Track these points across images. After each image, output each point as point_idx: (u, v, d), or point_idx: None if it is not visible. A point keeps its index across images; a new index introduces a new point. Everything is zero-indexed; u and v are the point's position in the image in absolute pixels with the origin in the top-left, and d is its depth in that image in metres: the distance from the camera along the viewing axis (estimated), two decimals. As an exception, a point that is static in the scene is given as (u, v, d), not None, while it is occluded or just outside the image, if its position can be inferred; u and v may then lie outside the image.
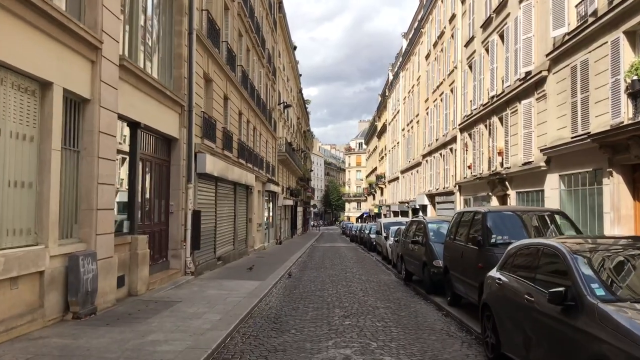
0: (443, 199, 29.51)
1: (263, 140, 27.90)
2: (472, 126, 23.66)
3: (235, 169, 18.32)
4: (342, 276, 15.56)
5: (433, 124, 32.68)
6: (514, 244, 6.21)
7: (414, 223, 14.30)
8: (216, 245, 16.37)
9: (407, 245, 14.14)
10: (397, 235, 17.93)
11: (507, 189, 18.86)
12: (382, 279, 14.94)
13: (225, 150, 17.32)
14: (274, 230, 33.49)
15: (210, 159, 14.48)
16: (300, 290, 12.46)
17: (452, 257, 9.71)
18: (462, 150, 25.55)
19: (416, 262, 12.70)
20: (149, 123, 11.06)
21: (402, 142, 46.52)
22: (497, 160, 20.08)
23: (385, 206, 56.19)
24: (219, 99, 16.98)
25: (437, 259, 11.31)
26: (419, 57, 38.38)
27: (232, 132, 18.74)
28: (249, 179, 21.28)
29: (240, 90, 20.54)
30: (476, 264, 7.86)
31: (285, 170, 40.20)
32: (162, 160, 12.57)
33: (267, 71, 29.52)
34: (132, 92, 10.16)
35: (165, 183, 12.81)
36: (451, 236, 10.19)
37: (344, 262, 20.95)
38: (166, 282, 11.76)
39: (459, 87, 26.43)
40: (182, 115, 13.12)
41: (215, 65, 16.24)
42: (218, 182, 16.62)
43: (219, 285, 12.07)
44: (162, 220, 12.63)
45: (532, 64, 16.68)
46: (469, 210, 9.65)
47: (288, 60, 43.60)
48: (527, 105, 16.96)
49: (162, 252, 12.51)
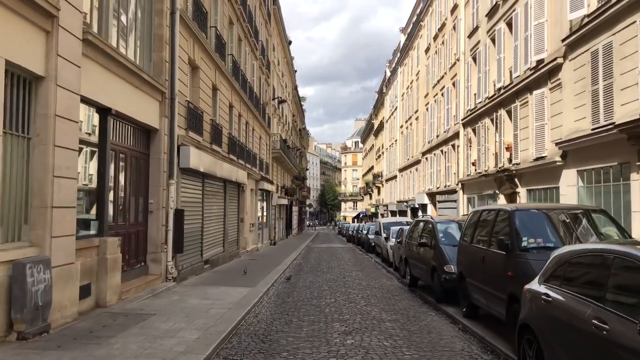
0: (444, 198, 28.26)
1: (256, 136, 26.57)
2: (476, 121, 22.42)
3: (224, 165, 16.99)
4: (340, 281, 14.27)
5: (433, 120, 31.44)
6: (562, 249, 4.94)
7: (420, 223, 13.03)
8: (203, 247, 15.03)
9: (412, 247, 12.86)
10: (399, 237, 16.65)
11: (517, 186, 17.63)
12: (384, 284, 13.65)
13: (213, 144, 15.99)
14: (268, 230, 32.15)
15: (195, 152, 13.15)
16: (295, 298, 11.16)
17: (469, 263, 8.44)
18: (465, 147, 24.31)
19: (423, 267, 11.43)
20: (122, 110, 9.73)
21: (400, 139, 45.27)
22: (504, 156, 18.84)
23: (383, 206, 54.91)
24: (206, 88, 15.64)
25: (448, 263, 10.04)
26: (418, 52, 37.14)
27: (221, 125, 17.41)
28: (241, 176, 19.95)
29: (231, 82, 19.21)
30: (504, 272, 6.58)
31: (280, 169, 38.86)
32: (140, 153, 11.23)
33: (261, 64, 28.18)
34: (101, 73, 8.84)
35: (144, 179, 11.48)
36: (466, 238, 8.92)
37: (341, 265, 19.66)
38: (143, 289, 10.43)
39: (461, 80, 25.19)
40: (162, 103, 11.79)
41: (202, 51, 14.91)
42: (205, 179, 15.29)
43: (202, 294, 10.75)
44: (140, 220, 11.30)
45: (545, 51, 15.45)
46: (489, 209, 8.37)
47: (283, 55, 42.25)
48: (540, 96, 15.73)
49: (139, 256, 11.18)
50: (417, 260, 12.04)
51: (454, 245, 10.55)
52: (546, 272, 4.92)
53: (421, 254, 11.69)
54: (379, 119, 61.40)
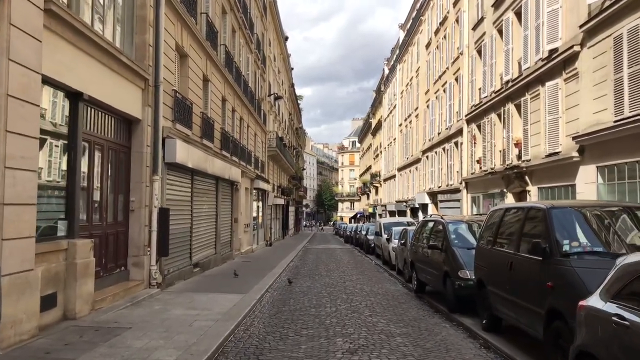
0: (447, 197, 27.22)
1: (251, 133, 25.47)
2: (481, 116, 21.39)
3: (216, 162, 15.89)
4: (340, 286, 13.20)
5: (435, 117, 30.41)
6: (634, 257, 3.88)
7: (428, 224, 11.96)
8: (192, 249, 13.93)
9: (419, 250, 11.81)
10: (402, 238, 15.60)
11: (527, 184, 16.59)
12: (389, 290, 12.59)
13: (204, 139, 14.90)
14: (263, 231, 31.04)
15: (182, 146, 12.05)
16: (291, 306, 10.08)
17: (491, 269, 7.38)
18: (469, 144, 23.27)
19: (433, 272, 10.36)
20: (97, 96, 8.63)
21: (399, 138, 44.24)
22: (513, 152, 17.81)
23: (381, 206, 53.86)
24: (196, 79, 14.55)
25: (463, 268, 8.99)
26: (418, 47, 36.11)
27: (213, 119, 16.32)
28: (234, 174, 18.85)
29: (224, 74, 18.12)
30: (541, 281, 5.52)
31: (276, 167, 37.75)
32: (120, 145, 10.13)
33: (256, 58, 27.09)
34: (70, 52, 7.74)
35: (125, 174, 10.38)
36: (486, 240, 7.86)
37: (340, 267, 18.59)
38: (122, 297, 9.32)
39: (465, 74, 24.16)
40: (146, 91, 10.69)
41: (191, 38, 13.82)
42: (195, 176, 14.19)
43: (188, 302, 9.66)
44: (120, 220, 10.20)
45: (559, 39, 14.42)
46: (516, 207, 7.31)
47: (279, 52, 41.14)
48: (553, 87, 14.70)
49: (119, 260, 10.07)
50: (426, 265, 10.97)
51: (468, 248, 9.53)
52: (612, 286, 3.87)
53: (430, 257, 10.63)
54: (377, 117, 60.37)
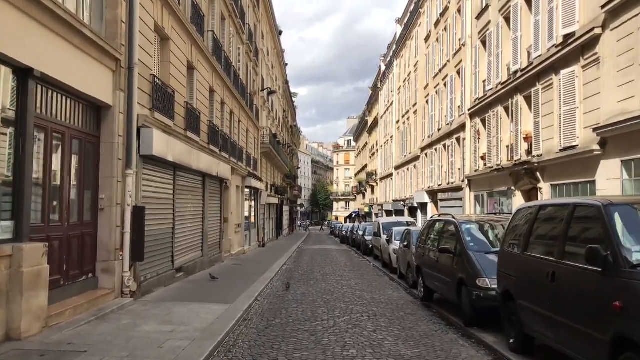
0: (448, 196, 26.03)
1: (243, 128, 24.17)
2: (486, 110, 20.20)
3: (202, 156, 14.59)
4: (338, 293, 11.95)
5: (434, 113, 29.21)
6: None
7: (436, 224, 10.72)
8: (175, 252, 12.62)
9: (427, 253, 10.56)
10: (405, 240, 14.37)
11: (538, 181, 15.40)
12: (392, 298, 11.35)
13: (189, 131, 13.60)
14: (256, 231, 29.73)
15: (161, 137, 10.74)
16: (283, 319, 8.82)
17: (522, 278, 6.14)
18: (472, 139, 22.08)
19: (445, 279, 9.12)
20: (54, 74, 7.34)
21: (396, 135, 43.04)
22: (522, 147, 16.63)
23: (377, 205, 52.67)
24: (180, 65, 13.26)
25: (481, 276, 7.76)
26: (417, 41, 34.91)
27: (199, 110, 15.02)
28: (223, 171, 17.56)
29: (212, 63, 16.82)
30: (601, 299, 4.29)
31: (270, 166, 36.46)
32: (86, 134, 8.83)
33: (248, 50, 25.78)
34: (18, 20, 6.45)
35: (93, 167, 9.08)
36: (513, 244, 6.63)
37: (337, 271, 17.34)
38: (86, 310, 8.03)
39: (468, 67, 22.96)
40: (117, 73, 9.39)
41: (174, 19, 12.53)
42: (178, 171, 12.88)
43: (164, 314, 8.38)
44: (87, 220, 8.90)
45: (576, 23, 13.23)
46: (555, 204, 6.08)
47: (273, 46, 39.83)
48: (569, 75, 13.51)
49: (85, 266, 8.77)
50: (435, 270, 9.72)
51: (486, 252, 8.33)
52: None
53: (441, 262, 9.39)
54: (373, 115, 59.15)
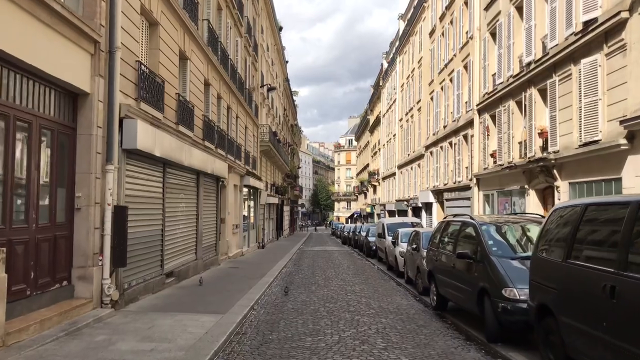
0: (454, 196, 25.03)
1: (241, 125, 23.19)
2: (496, 105, 19.21)
3: (196, 152, 13.61)
4: (342, 300, 10.96)
5: (440, 109, 28.21)
6: None
7: (451, 225, 9.72)
8: (164, 256, 11.64)
9: (440, 258, 9.56)
10: (413, 242, 13.38)
11: (555, 179, 14.40)
12: (401, 306, 10.36)
13: (181, 125, 12.63)
14: (255, 232, 28.76)
15: (146, 129, 9.75)
16: (281, 333, 7.84)
17: (566, 292, 5.15)
18: (481, 136, 21.08)
19: (463, 287, 8.12)
20: (17, 54, 6.37)
21: (399, 134, 42.04)
22: (536, 143, 15.64)
23: (380, 205, 51.67)
24: (171, 54, 12.28)
25: (508, 285, 6.77)
26: (421, 36, 33.92)
27: (193, 104, 14.05)
28: (219, 168, 16.57)
29: (208, 54, 15.85)
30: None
31: (270, 164, 35.49)
32: (59, 125, 7.85)
33: (247, 44, 24.80)
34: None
35: (68, 162, 8.11)
36: (550, 250, 5.64)
37: (340, 275, 16.34)
38: (56, 324, 7.05)
39: (476, 60, 21.97)
40: (96, 57, 8.41)
41: (163, 3, 11.56)
42: (168, 168, 11.90)
43: (146, 328, 7.39)
44: (61, 222, 7.92)
45: (599, 7, 12.23)
46: (611, 202, 5.06)
47: (273, 42, 38.85)
48: (590, 65, 12.51)
49: (58, 273, 7.79)
50: (451, 277, 8.72)
51: (512, 258, 7.35)
52: None
53: (458, 268, 8.39)
54: (375, 114, 58.15)
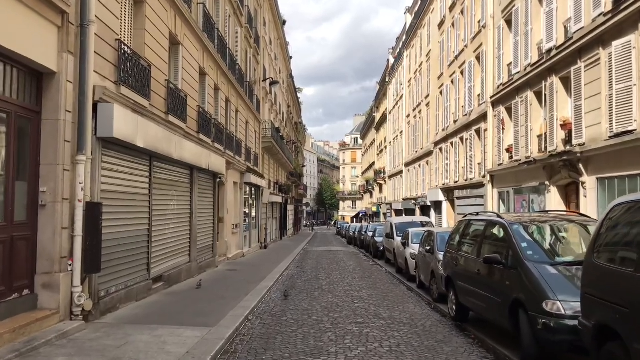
0: (466, 194, 23.80)
1: (242, 119, 22.07)
2: (512, 96, 17.97)
3: (187, 145, 12.48)
4: (348, 309, 9.80)
5: (450, 103, 26.97)
6: None
7: (474, 225, 8.52)
8: (151, 259, 10.50)
9: (460, 262, 8.38)
10: (426, 243, 12.20)
11: (581, 174, 13.17)
12: (415, 316, 9.18)
13: (171, 115, 11.51)
14: (257, 231, 27.63)
15: (127, 116, 8.61)
16: (277, 352, 6.68)
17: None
18: (495, 130, 19.85)
19: (491, 298, 6.93)
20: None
21: (406, 130, 40.79)
22: (558, 136, 14.40)
23: (386, 204, 50.44)
24: (159, 36, 11.16)
25: (550, 298, 5.59)
26: (429, 29, 32.67)
27: (186, 93, 12.93)
28: (215, 164, 15.44)
29: (203, 41, 14.73)
30: None
31: (273, 162, 34.35)
32: (18, 107, 6.72)
33: (247, 34, 23.66)
34: None
35: (30, 152, 6.99)
36: (611, 256, 4.46)
37: (346, 278, 15.18)
38: (9, 342, 5.93)
39: (489, 50, 20.73)
40: (64, 31, 7.29)
41: (150, -21, 10.45)
42: (156, 161, 10.77)
43: (117, 346, 6.26)
44: (19, 221, 6.80)
45: (633, -17, 11.03)
46: None
47: (276, 36, 37.71)
48: (623, 47, 11.27)
49: (15, 281, 6.67)
50: (475, 285, 7.53)
51: (552, 264, 6.15)
52: None
53: (484, 275, 7.20)
54: (381, 111, 56.88)
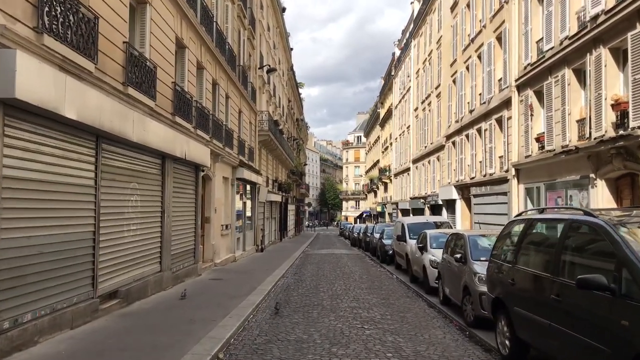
0: (485, 191, 21.28)
1: (233, 107, 19.65)
2: (544, 76, 15.48)
3: (154, 126, 10.02)
4: (356, 340, 7.33)
5: (465, 92, 24.46)
6: None
7: (537, 226, 6.01)
8: (99, 270, 8.06)
9: (520, 279, 5.89)
10: (454, 249, 9.72)
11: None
12: (449, 351, 6.71)
13: (131, 87, 9.10)
14: (253, 233, 25.18)
15: (46, 72, 6.12)
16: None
17: None
18: (522, 117, 17.35)
19: (589, 343, 4.36)
20: None
21: (414, 125, 38.29)
22: (608, 118, 11.92)
23: (391, 204, 47.92)
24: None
25: None
26: (440, 13, 30.18)
27: (155, 63, 10.52)
28: (195, 153, 12.99)
29: (181, 6, 12.33)
30: None
31: (271, 158, 31.93)
32: None
33: (241, 13, 21.21)
34: None
35: None
36: None
37: (352, 289, 12.72)
38: None
39: (513, 27, 18.23)
40: None
41: None
42: (105, 144, 8.33)
43: None
44: None
45: None
46: None
47: (275, 24, 35.27)
48: None
49: None
50: (552, 317, 5.02)
51: None
52: None
53: (569, 303, 4.70)
54: (386, 106, 54.36)
